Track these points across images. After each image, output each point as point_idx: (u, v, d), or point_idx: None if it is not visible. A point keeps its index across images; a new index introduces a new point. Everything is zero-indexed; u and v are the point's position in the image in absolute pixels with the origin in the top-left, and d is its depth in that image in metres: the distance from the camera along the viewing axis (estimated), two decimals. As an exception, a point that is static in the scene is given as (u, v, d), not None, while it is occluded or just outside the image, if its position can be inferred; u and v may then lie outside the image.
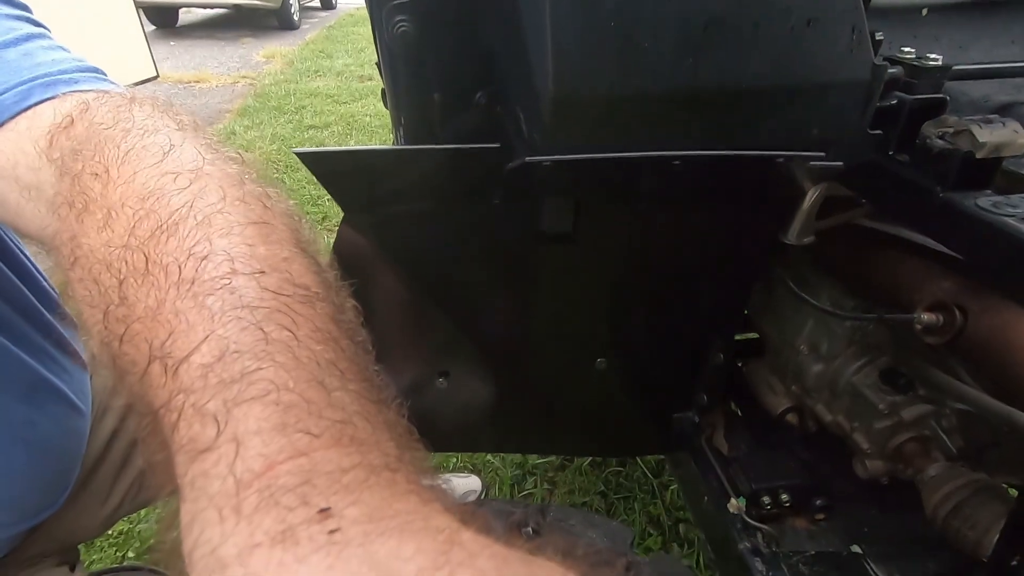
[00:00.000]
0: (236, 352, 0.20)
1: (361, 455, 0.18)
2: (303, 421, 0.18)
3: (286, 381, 0.19)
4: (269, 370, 0.20)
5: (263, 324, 0.21)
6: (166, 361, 0.21)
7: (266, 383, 0.19)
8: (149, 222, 0.26)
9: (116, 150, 0.30)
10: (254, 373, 0.19)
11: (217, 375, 0.19)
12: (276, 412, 0.19)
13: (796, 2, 0.48)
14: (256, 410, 0.19)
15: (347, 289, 0.31)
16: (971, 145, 0.48)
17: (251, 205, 0.28)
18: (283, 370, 0.20)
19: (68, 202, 0.30)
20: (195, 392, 0.19)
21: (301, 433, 0.18)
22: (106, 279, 0.25)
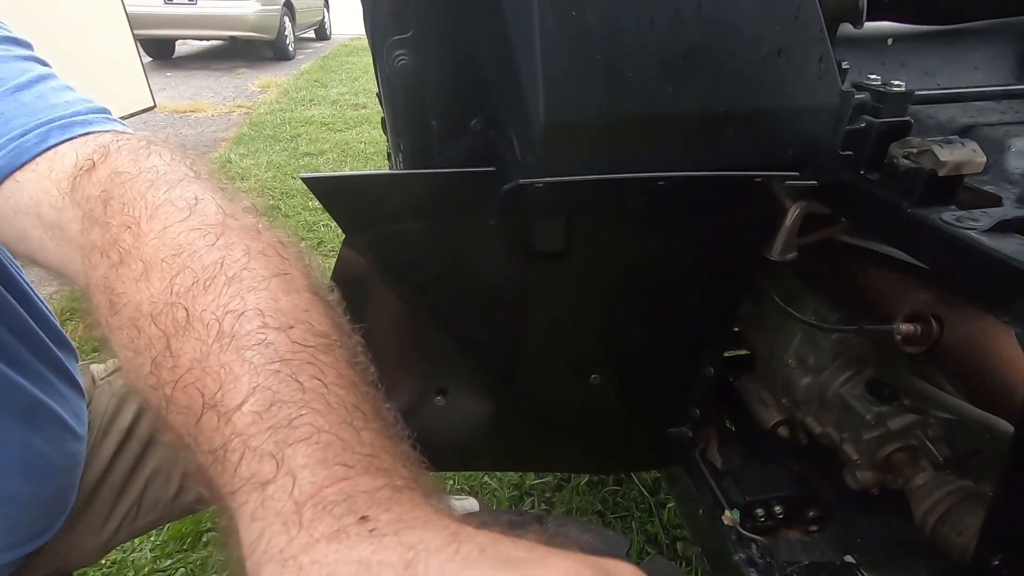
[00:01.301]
0: (280, 402, 0.25)
1: (387, 479, 0.23)
2: (340, 456, 0.24)
3: (323, 425, 0.25)
4: (308, 416, 0.25)
5: (298, 375, 0.26)
6: (219, 409, 0.25)
7: (308, 427, 0.24)
8: (185, 278, 0.30)
9: (144, 203, 0.34)
10: (297, 419, 0.24)
11: (268, 422, 0.24)
12: (318, 450, 0.24)
13: (767, 33, 0.52)
14: (303, 449, 0.24)
15: (354, 327, 0.37)
16: (934, 164, 0.51)
17: (271, 257, 0.32)
18: (319, 416, 0.25)
19: (102, 251, 0.33)
20: (252, 437, 0.24)
21: (340, 465, 0.23)
22: (151, 330, 0.29)
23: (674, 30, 0.51)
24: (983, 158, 0.52)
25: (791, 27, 0.52)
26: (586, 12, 0.49)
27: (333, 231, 2.69)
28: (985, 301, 0.61)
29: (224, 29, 6.75)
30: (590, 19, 0.50)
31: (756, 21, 0.52)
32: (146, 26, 6.00)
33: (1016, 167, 0.60)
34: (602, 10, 0.50)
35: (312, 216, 2.86)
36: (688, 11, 0.50)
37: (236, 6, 6.54)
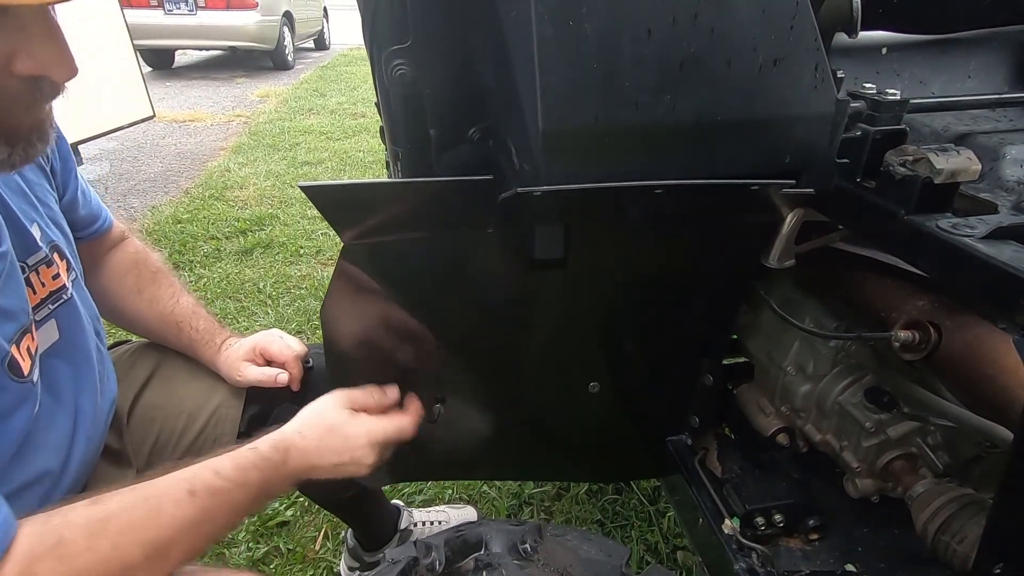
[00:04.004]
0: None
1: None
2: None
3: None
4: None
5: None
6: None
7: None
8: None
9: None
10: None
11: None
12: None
13: (762, 43, 0.52)
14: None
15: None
16: (930, 171, 0.51)
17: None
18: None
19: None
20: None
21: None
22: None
23: (671, 40, 0.51)
24: (978, 166, 0.53)
25: (786, 37, 0.53)
26: (583, 22, 0.50)
27: (332, 239, 2.69)
28: (983, 308, 0.61)
29: (224, 39, 6.80)
30: (587, 29, 0.50)
31: (752, 31, 0.52)
32: (146, 36, 6.04)
33: (1011, 174, 0.60)
34: (599, 20, 0.50)
35: (311, 224, 2.86)
36: (684, 21, 0.51)
37: (236, 16, 6.58)
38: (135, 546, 0.50)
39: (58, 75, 0.49)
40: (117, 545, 0.49)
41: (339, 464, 0.66)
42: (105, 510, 0.51)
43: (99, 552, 0.49)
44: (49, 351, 0.64)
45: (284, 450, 0.63)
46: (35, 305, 0.62)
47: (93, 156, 3.91)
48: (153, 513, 0.52)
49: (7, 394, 0.56)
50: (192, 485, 0.55)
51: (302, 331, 2.08)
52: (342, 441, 0.66)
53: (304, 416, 0.67)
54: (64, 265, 0.69)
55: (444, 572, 0.60)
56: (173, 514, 0.53)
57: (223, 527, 0.58)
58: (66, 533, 0.48)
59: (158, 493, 0.54)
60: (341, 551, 1.28)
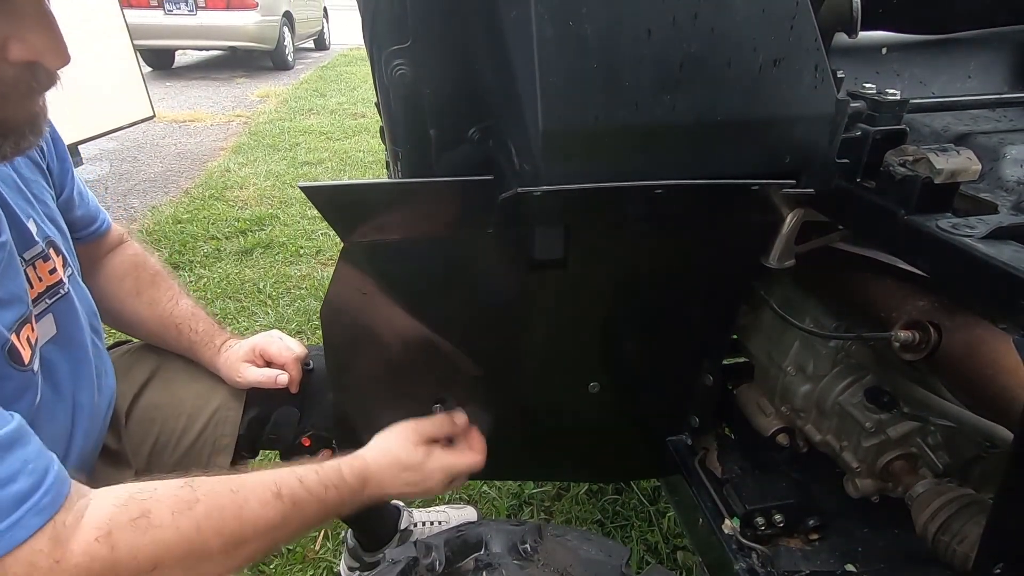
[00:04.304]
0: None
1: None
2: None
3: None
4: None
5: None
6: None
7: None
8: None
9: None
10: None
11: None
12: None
13: (762, 43, 0.52)
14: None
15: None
16: (930, 171, 0.51)
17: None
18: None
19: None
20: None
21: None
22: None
23: (671, 40, 0.51)
24: (978, 166, 0.53)
25: (786, 37, 0.53)
26: (584, 22, 0.50)
27: (332, 240, 2.69)
28: (983, 308, 0.61)
29: (224, 39, 6.80)
30: (588, 29, 0.50)
31: (752, 31, 0.52)
32: (146, 36, 6.03)
33: (1011, 174, 0.60)
34: (599, 20, 0.50)
35: (311, 225, 2.86)
36: (684, 21, 0.51)
37: (236, 16, 6.58)
38: (216, 534, 0.51)
39: (51, 62, 0.49)
40: (200, 529, 0.50)
41: (411, 493, 0.71)
42: (193, 493, 0.52)
43: (182, 531, 0.49)
44: (47, 345, 0.64)
45: (364, 479, 0.65)
46: (33, 299, 0.62)
47: (93, 156, 3.91)
48: (239, 506, 0.53)
49: (8, 382, 0.56)
50: (279, 488, 0.56)
51: (302, 331, 2.08)
52: (418, 476, 0.70)
53: (380, 447, 0.70)
54: (60, 260, 0.69)
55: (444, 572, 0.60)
56: (257, 511, 0.54)
57: (292, 535, 0.59)
58: (152, 507, 0.49)
59: (246, 488, 0.55)
60: (341, 551, 1.28)
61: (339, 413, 0.80)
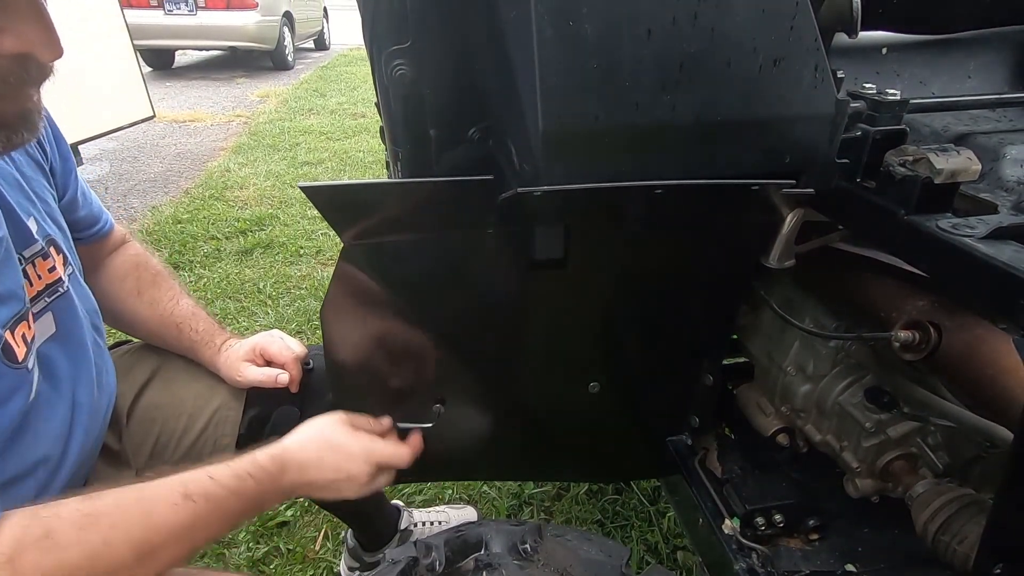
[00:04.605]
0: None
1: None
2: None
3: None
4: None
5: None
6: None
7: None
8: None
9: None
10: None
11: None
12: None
13: (762, 43, 0.52)
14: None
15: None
16: (930, 172, 0.51)
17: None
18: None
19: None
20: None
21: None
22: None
23: (671, 40, 0.51)
24: (978, 166, 0.53)
25: (786, 37, 0.53)
26: (583, 22, 0.50)
27: (332, 240, 2.69)
28: (983, 308, 0.61)
29: (224, 39, 6.79)
30: (587, 29, 0.50)
31: (752, 31, 0.52)
32: (146, 36, 6.03)
33: (1011, 174, 0.60)
34: (599, 20, 0.50)
35: (311, 225, 2.86)
36: (684, 22, 0.51)
37: (236, 16, 6.58)
38: (125, 545, 0.50)
39: (44, 55, 0.48)
40: (107, 541, 0.49)
41: (335, 480, 0.67)
42: (96, 506, 0.51)
43: (88, 547, 0.48)
44: (46, 343, 0.64)
45: (282, 463, 0.63)
46: (32, 297, 0.62)
47: (93, 156, 3.91)
48: (146, 513, 0.52)
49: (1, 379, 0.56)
50: (187, 489, 0.55)
51: (302, 331, 2.08)
52: (342, 458, 0.67)
53: (304, 431, 0.68)
54: (61, 259, 0.69)
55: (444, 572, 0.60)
56: (166, 516, 0.53)
57: (214, 533, 0.58)
58: (55, 525, 0.48)
59: (152, 494, 0.54)
60: (341, 551, 1.28)
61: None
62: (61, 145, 0.76)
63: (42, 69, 0.50)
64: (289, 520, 1.36)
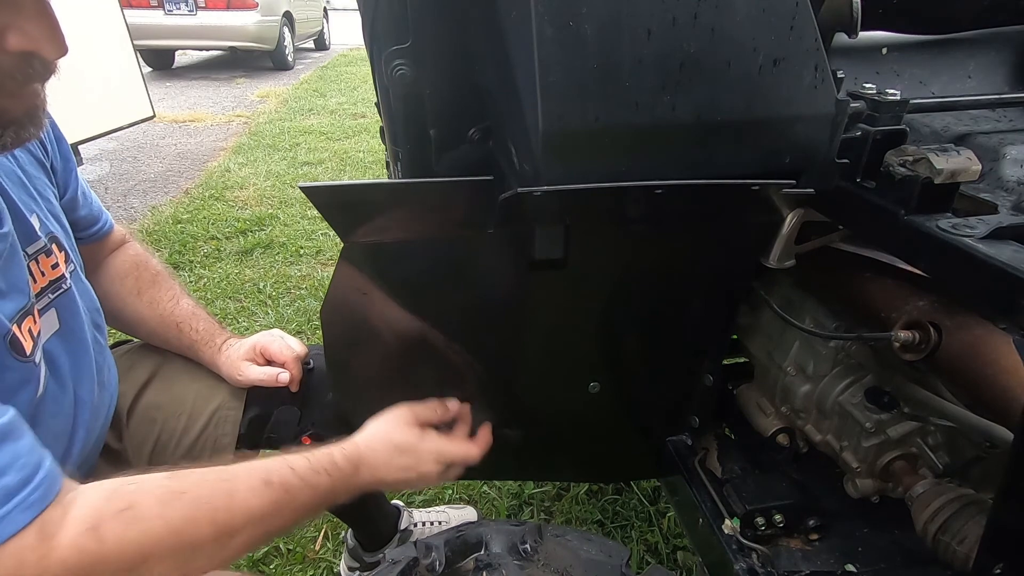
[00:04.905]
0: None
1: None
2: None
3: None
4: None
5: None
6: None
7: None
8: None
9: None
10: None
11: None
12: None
13: (762, 43, 0.52)
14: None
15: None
16: (929, 172, 0.51)
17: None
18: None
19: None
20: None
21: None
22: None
23: (671, 40, 0.51)
24: (978, 166, 0.53)
25: (786, 37, 0.53)
26: (583, 22, 0.50)
27: (332, 240, 2.69)
28: (983, 308, 0.61)
29: (224, 39, 6.80)
30: (588, 29, 0.50)
31: (752, 31, 0.52)
32: (146, 36, 6.03)
33: (1011, 174, 0.60)
34: (600, 20, 0.50)
35: (311, 225, 2.86)
36: (684, 21, 0.51)
37: (236, 16, 6.58)
38: (207, 523, 0.51)
39: (49, 52, 0.49)
40: (189, 519, 0.50)
41: (405, 479, 0.69)
42: (181, 483, 0.51)
43: (170, 522, 0.49)
44: (50, 340, 0.65)
45: (356, 463, 0.64)
46: (36, 294, 0.63)
47: (93, 156, 3.91)
48: (228, 495, 0.53)
49: (10, 373, 0.56)
50: (269, 476, 0.55)
51: (302, 331, 2.08)
52: (412, 459, 0.68)
53: (374, 431, 0.69)
54: (63, 256, 0.69)
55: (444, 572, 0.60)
56: (247, 499, 0.53)
57: (285, 524, 0.58)
58: (139, 499, 0.49)
59: (235, 477, 0.54)
60: (341, 551, 1.28)
61: (339, 413, 0.80)
62: (62, 145, 0.76)
63: (47, 66, 0.50)
64: (289, 520, 1.36)
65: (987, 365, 0.59)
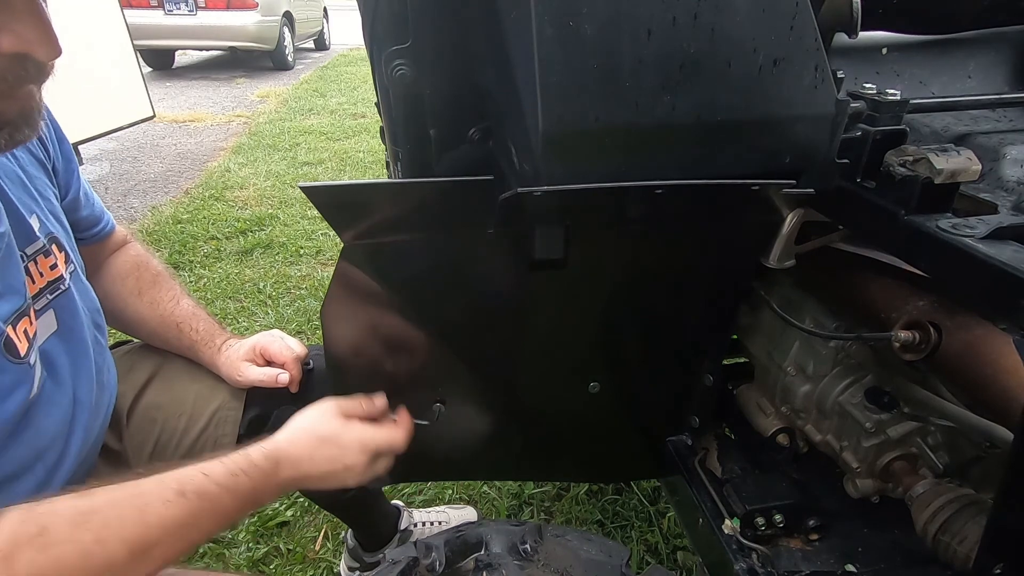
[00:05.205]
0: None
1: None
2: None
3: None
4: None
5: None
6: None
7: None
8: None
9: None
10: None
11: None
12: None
13: (762, 43, 0.52)
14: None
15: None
16: (929, 172, 0.51)
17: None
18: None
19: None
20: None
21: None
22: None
23: (671, 40, 0.51)
24: (979, 166, 0.53)
25: (787, 37, 0.53)
26: (584, 22, 0.50)
27: (332, 240, 2.69)
28: (983, 308, 0.61)
29: (224, 39, 6.80)
30: (588, 29, 0.50)
31: (752, 31, 0.52)
32: (146, 36, 6.04)
33: (1011, 175, 0.60)
34: (600, 20, 0.50)
35: (311, 225, 2.86)
36: (684, 22, 0.51)
37: (236, 16, 6.58)
38: (119, 542, 0.49)
39: (42, 54, 0.48)
40: (100, 539, 0.49)
41: (331, 472, 0.66)
42: (91, 503, 0.50)
43: (81, 544, 0.48)
44: (48, 340, 0.65)
45: (275, 459, 0.62)
46: (34, 294, 0.62)
47: (93, 156, 3.91)
48: (140, 510, 0.51)
49: (3, 374, 0.56)
50: (181, 486, 0.54)
51: (302, 332, 2.08)
52: (336, 450, 0.66)
53: (295, 425, 0.67)
54: (62, 257, 0.69)
55: (444, 572, 0.60)
56: (160, 513, 0.52)
57: (207, 532, 0.57)
58: (49, 522, 0.47)
59: (146, 491, 0.53)
60: (341, 551, 1.28)
61: (339, 413, 0.80)
62: (64, 146, 0.76)
63: (41, 68, 0.50)
64: (289, 520, 1.36)
65: (987, 365, 0.59)
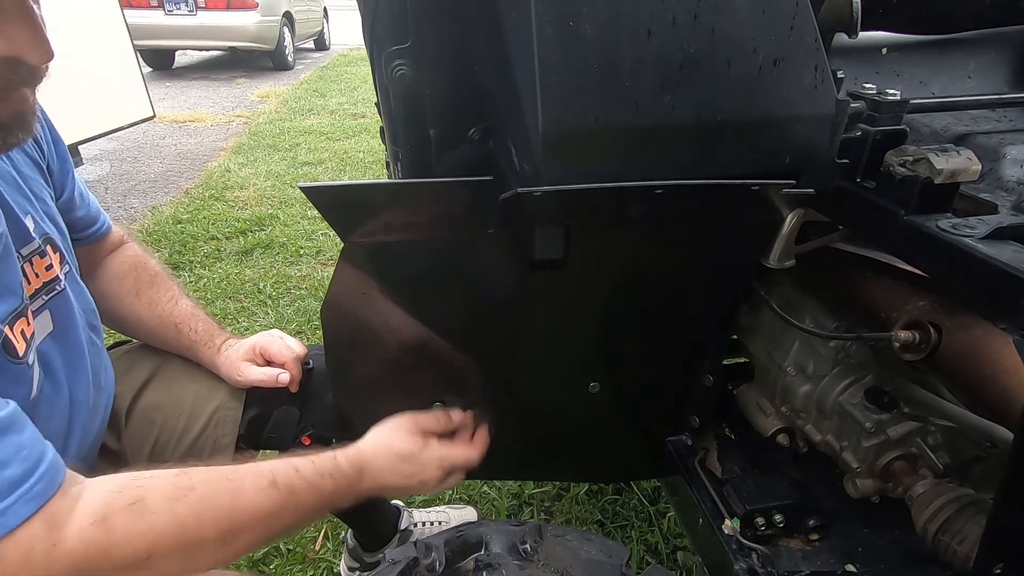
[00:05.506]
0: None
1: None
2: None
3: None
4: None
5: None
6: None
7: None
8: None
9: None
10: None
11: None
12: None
13: (763, 43, 0.52)
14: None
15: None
16: (929, 172, 0.51)
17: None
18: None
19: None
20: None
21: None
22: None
23: (671, 40, 0.51)
24: (978, 166, 0.53)
25: (787, 37, 0.53)
26: (584, 22, 0.50)
27: (332, 240, 2.69)
28: (983, 308, 0.61)
29: (224, 39, 6.80)
30: (588, 29, 0.50)
31: (752, 31, 0.52)
32: (146, 36, 6.04)
33: (1011, 175, 0.60)
34: (600, 20, 0.50)
35: (311, 225, 2.86)
36: (684, 22, 0.51)
37: (236, 17, 6.58)
38: (211, 522, 0.51)
39: (33, 57, 0.49)
40: (196, 515, 0.51)
41: (407, 486, 0.70)
42: (189, 480, 0.52)
43: (178, 517, 0.50)
44: (44, 341, 0.65)
45: (360, 468, 0.65)
46: (30, 295, 0.63)
47: (93, 156, 3.91)
48: (234, 494, 0.53)
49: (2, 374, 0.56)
50: (275, 476, 0.56)
51: (302, 331, 2.08)
52: (414, 467, 0.70)
53: (376, 439, 0.70)
54: (57, 257, 0.69)
55: (444, 572, 0.60)
56: (252, 499, 0.54)
57: (288, 526, 0.59)
58: (147, 494, 0.49)
59: (242, 477, 0.55)
60: (341, 551, 1.28)
61: (339, 413, 0.80)
62: (59, 146, 0.76)
63: (33, 71, 0.50)
64: (289, 520, 1.36)
65: (987, 365, 0.59)
